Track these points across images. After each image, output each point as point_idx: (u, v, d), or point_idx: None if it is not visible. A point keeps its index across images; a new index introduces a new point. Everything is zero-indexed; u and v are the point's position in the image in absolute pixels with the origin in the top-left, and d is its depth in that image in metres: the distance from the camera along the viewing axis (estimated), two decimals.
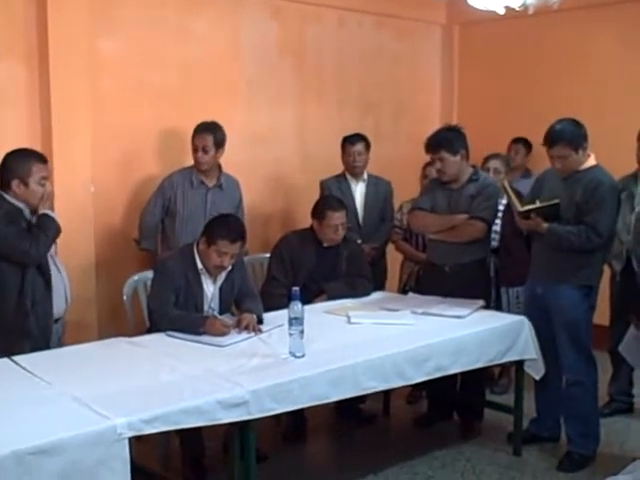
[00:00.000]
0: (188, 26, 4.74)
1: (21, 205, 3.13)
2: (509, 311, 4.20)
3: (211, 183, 4.30)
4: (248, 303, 3.59)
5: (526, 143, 5.51)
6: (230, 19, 4.96)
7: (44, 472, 2.16)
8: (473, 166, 4.07)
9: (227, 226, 3.44)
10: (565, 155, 3.48)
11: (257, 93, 5.13)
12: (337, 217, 4.01)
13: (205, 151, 4.21)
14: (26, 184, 3.12)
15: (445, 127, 4.12)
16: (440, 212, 3.99)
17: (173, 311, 3.41)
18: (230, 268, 3.53)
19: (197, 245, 3.50)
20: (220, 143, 4.26)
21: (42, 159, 3.20)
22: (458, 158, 3.89)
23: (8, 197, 3.11)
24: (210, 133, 4.21)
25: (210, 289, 3.55)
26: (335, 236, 4.04)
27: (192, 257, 3.49)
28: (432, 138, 3.96)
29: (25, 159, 3.15)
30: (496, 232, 4.30)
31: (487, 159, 4.59)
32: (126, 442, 2.32)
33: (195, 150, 4.23)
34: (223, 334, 3.28)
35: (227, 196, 4.33)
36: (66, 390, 2.58)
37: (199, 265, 3.48)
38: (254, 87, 5.11)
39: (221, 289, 3.58)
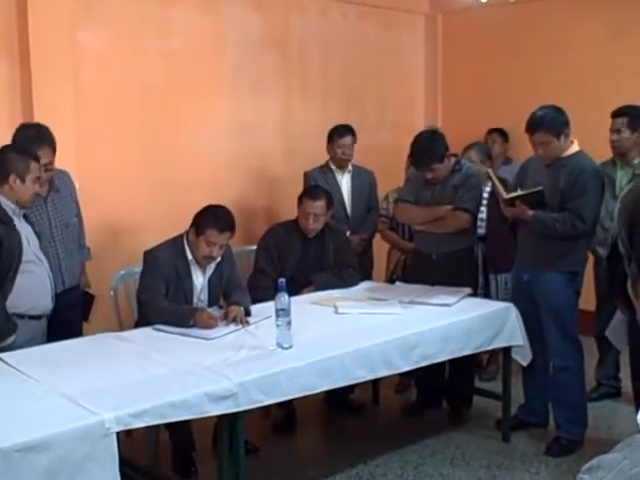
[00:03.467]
0: (171, 18, 4.71)
1: (12, 206, 3.13)
2: (497, 298, 4.22)
3: (45, 190, 3.48)
4: (236, 295, 3.59)
5: (502, 132, 5.54)
6: (213, 10, 4.93)
7: (32, 469, 2.15)
8: (455, 155, 4.06)
9: (215, 216, 3.44)
10: (546, 141, 3.49)
11: (241, 85, 5.11)
12: (311, 206, 3.99)
13: (50, 169, 3.45)
14: (23, 180, 3.12)
15: (424, 135, 3.97)
16: (424, 203, 3.99)
17: (163, 303, 3.41)
18: (219, 259, 3.53)
19: (187, 236, 3.49)
20: (56, 148, 3.47)
21: (37, 159, 3.21)
22: (446, 162, 3.90)
23: (2, 197, 3.11)
24: (49, 145, 3.41)
25: (200, 280, 3.54)
26: (307, 224, 4.00)
27: (182, 248, 3.48)
28: (418, 154, 3.89)
29: (24, 156, 3.16)
30: (482, 220, 4.31)
31: (465, 150, 4.60)
32: (114, 437, 2.32)
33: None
34: (211, 326, 3.27)
35: (65, 196, 3.64)
36: (53, 386, 2.57)
37: (189, 256, 3.48)
38: (238, 79, 5.09)
39: (210, 281, 3.57)
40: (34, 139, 3.39)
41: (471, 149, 4.56)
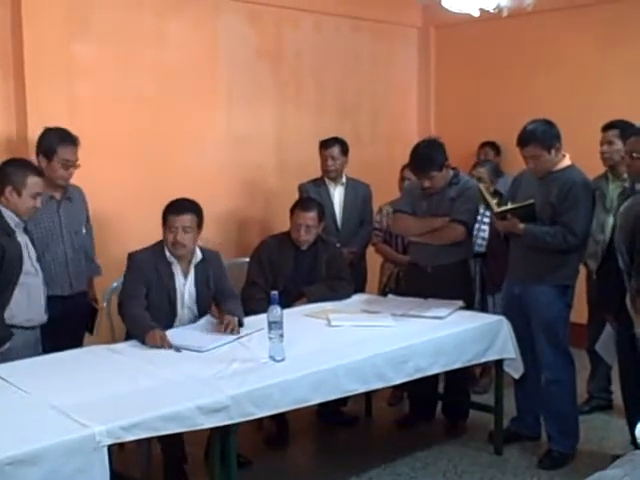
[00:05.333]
0: (165, 31, 4.72)
1: (15, 218, 3.17)
2: (494, 312, 4.22)
3: (59, 195, 3.68)
4: (230, 304, 3.60)
5: (494, 146, 5.59)
6: (207, 23, 4.95)
7: None
8: (453, 168, 4.06)
9: (173, 202, 3.52)
10: (537, 155, 3.52)
11: (235, 97, 5.13)
12: (302, 217, 4.01)
13: (75, 166, 3.68)
14: (19, 193, 3.18)
15: (425, 143, 4.02)
16: (421, 215, 4.00)
17: (133, 308, 3.41)
18: (199, 259, 3.55)
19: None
20: (77, 146, 3.69)
21: (39, 173, 3.28)
22: (444, 172, 3.91)
23: (5, 210, 3.16)
24: (73, 143, 3.63)
25: (181, 281, 3.55)
26: (299, 235, 4.02)
27: (161, 249, 3.53)
28: (418, 161, 3.90)
29: (22, 169, 3.22)
30: (484, 239, 4.33)
31: (474, 167, 4.65)
32: (105, 450, 2.31)
33: (64, 166, 3.62)
34: (161, 347, 3.19)
35: (76, 207, 3.79)
36: (44, 399, 2.56)
37: (168, 256, 3.51)
38: (232, 91, 5.11)
39: (197, 287, 3.58)
40: (57, 139, 3.58)
41: (482, 167, 4.62)
